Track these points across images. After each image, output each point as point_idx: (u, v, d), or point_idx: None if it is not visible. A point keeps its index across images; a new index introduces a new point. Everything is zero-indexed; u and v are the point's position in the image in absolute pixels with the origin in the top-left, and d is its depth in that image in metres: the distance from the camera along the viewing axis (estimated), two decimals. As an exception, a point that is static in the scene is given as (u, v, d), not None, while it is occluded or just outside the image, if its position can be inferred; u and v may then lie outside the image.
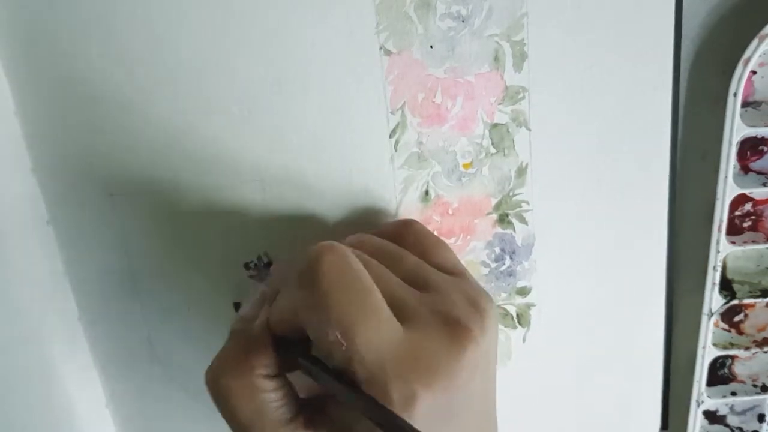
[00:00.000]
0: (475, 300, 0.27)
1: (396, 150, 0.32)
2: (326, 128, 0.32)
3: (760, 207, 0.36)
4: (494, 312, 0.27)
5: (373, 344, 0.24)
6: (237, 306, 0.34)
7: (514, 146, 0.33)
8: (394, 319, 0.25)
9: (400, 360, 0.24)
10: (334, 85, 0.31)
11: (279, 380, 0.27)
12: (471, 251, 0.35)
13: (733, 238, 0.36)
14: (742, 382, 0.39)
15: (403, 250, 0.29)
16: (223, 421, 0.37)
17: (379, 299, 0.25)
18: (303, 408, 0.28)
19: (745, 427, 0.40)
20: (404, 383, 0.23)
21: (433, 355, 0.24)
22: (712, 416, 0.40)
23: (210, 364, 0.28)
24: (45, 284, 0.33)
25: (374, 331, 0.24)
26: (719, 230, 0.35)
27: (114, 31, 0.29)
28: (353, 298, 0.24)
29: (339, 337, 0.24)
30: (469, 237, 0.34)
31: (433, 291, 0.27)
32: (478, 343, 0.25)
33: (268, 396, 0.26)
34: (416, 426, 0.23)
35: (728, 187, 0.34)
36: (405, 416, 0.23)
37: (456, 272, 0.29)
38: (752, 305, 0.38)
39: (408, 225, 0.32)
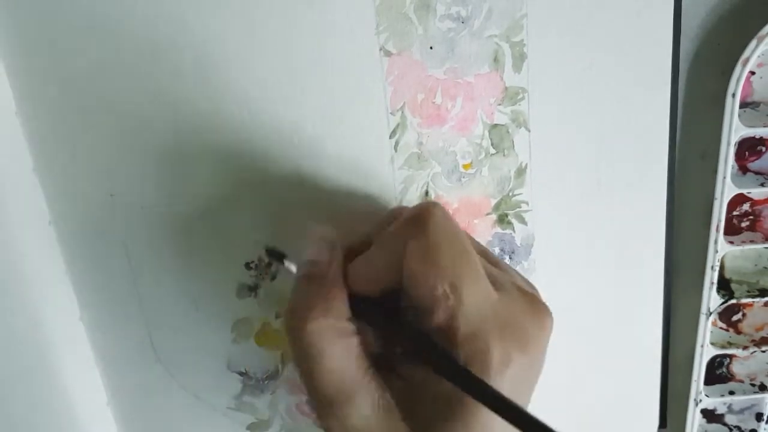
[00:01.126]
0: (531, 283, 0.28)
1: (396, 150, 0.32)
2: (326, 129, 0.32)
3: (758, 207, 0.36)
4: None
5: (479, 302, 0.24)
6: (271, 251, 0.31)
7: (513, 147, 0.33)
8: (490, 284, 0.25)
9: (498, 321, 0.24)
10: (334, 86, 0.31)
11: (358, 326, 0.27)
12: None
13: (731, 238, 0.36)
14: (740, 381, 0.39)
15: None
16: (223, 421, 0.37)
17: (479, 262, 0.25)
18: (374, 362, 0.27)
19: (743, 425, 0.40)
20: (504, 344, 0.24)
21: (524, 323, 0.25)
22: (710, 415, 0.40)
23: (287, 309, 0.27)
24: (46, 284, 0.33)
25: (478, 290, 0.25)
26: (717, 230, 0.35)
27: (115, 32, 0.29)
28: (462, 256, 0.25)
29: (448, 290, 0.24)
30: (468, 237, 0.35)
31: (500, 268, 0.28)
32: (552, 318, 0.26)
33: (352, 340, 0.26)
34: (504, 386, 0.23)
35: (726, 187, 0.34)
36: (498, 376, 0.24)
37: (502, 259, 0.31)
38: (750, 305, 0.38)
39: None
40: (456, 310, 0.24)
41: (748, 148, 0.35)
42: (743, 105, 0.34)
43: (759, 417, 0.40)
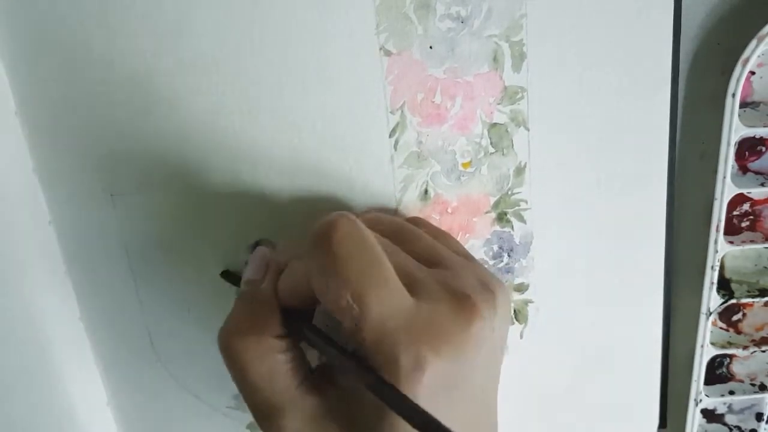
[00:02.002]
0: (486, 282, 0.27)
1: (396, 149, 0.33)
2: (326, 128, 0.32)
3: (758, 207, 0.36)
4: (505, 297, 0.28)
5: (384, 309, 0.24)
6: (226, 274, 0.34)
7: (512, 146, 0.33)
8: (404, 288, 0.25)
9: (410, 326, 0.24)
10: (334, 85, 0.31)
11: (288, 342, 0.27)
12: (469, 249, 0.35)
13: (731, 238, 0.36)
14: (740, 381, 0.39)
15: (420, 231, 0.30)
16: (223, 421, 0.37)
17: (390, 269, 0.25)
18: (311, 374, 0.28)
19: (743, 425, 0.40)
20: (413, 348, 0.23)
21: (441, 325, 0.25)
22: (710, 415, 0.40)
23: (222, 325, 0.28)
24: (46, 284, 0.33)
25: (385, 297, 0.24)
26: (717, 230, 0.35)
27: (115, 32, 0.29)
28: (366, 265, 0.24)
29: (350, 300, 0.24)
30: (467, 235, 0.34)
31: (444, 267, 0.27)
32: (484, 319, 0.25)
33: (278, 357, 0.27)
34: (421, 392, 0.23)
35: (726, 187, 0.34)
36: (412, 382, 0.23)
37: (468, 257, 0.30)
38: (750, 305, 0.38)
39: (415, 219, 0.32)
40: (361, 319, 0.24)
41: (748, 148, 0.35)
42: (743, 105, 0.34)
43: (759, 417, 0.40)
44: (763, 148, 0.35)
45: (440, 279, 0.26)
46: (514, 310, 0.36)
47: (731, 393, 0.39)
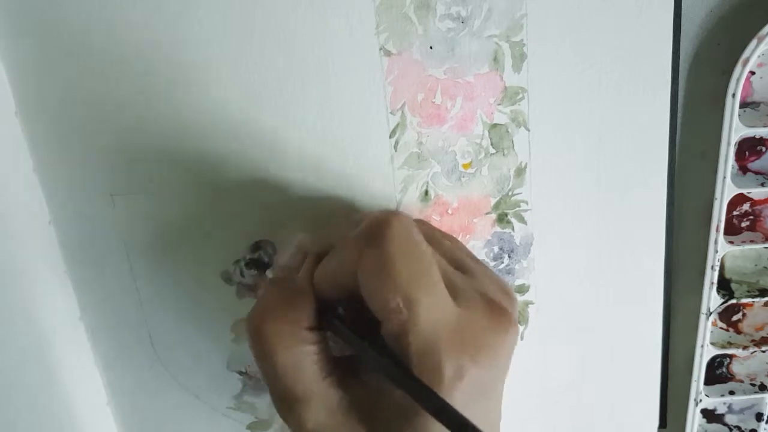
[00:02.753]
0: (505, 288, 0.28)
1: (396, 150, 0.33)
2: (326, 128, 0.32)
3: (758, 207, 0.36)
4: (517, 302, 0.28)
5: (432, 316, 0.24)
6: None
7: (513, 146, 0.33)
8: (449, 296, 0.25)
9: (453, 335, 0.24)
10: (334, 86, 0.31)
11: (318, 334, 0.27)
12: (470, 250, 0.35)
13: (731, 238, 0.36)
14: (740, 381, 0.39)
15: (440, 232, 0.30)
16: (223, 421, 0.37)
17: (438, 275, 0.25)
18: (337, 367, 0.27)
19: (743, 425, 0.40)
20: (456, 357, 0.24)
21: (481, 333, 0.25)
22: (710, 415, 0.40)
23: (252, 309, 0.28)
24: (46, 284, 0.33)
25: (434, 304, 0.24)
26: (717, 230, 0.35)
27: (115, 32, 0.29)
28: (418, 269, 0.24)
29: (401, 304, 0.24)
30: (468, 236, 0.34)
31: (470, 275, 0.28)
32: (516, 327, 0.26)
33: (308, 348, 0.27)
34: (457, 397, 0.23)
35: (726, 187, 0.34)
36: (451, 389, 0.23)
37: (479, 261, 0.30)
38: (750, 305, 0.38)
39: (423, 221, 0.32)
40: (408, 324, 0.24)
41: (748, 148, 0.35)
42: (743, 105, 0.34)
43: (759, 417, 0.40)
44: (763, 148, 0.35)
45: (473, 285, 0.27)
46: (515, 312, 0.36)
47: (731, 393, 0.39)
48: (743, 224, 0.36)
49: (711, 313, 0.37)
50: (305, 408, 0.26)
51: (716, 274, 0.36)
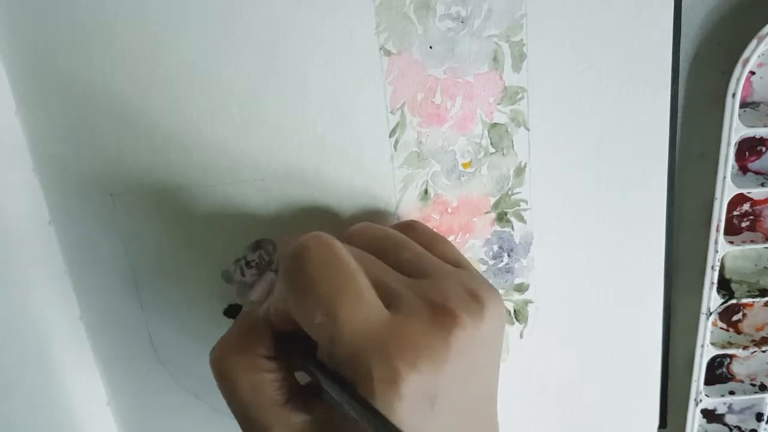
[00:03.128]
0: (475, 291, 0.27)
1: (395, 149, 0.33)
2: (326, 128, 0.32)
3: (759, 207, 0.36)
4: (497, 304, 0.27)
5: (357, 324, 0.24)
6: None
7: (512, 146, 0.33)
8: (380, 303, 0.25)
9: (384, 341, 0.24)
10: (334, 85, 0.31)
11: (278, 363, 0.27)
12: (469, 249, 0.35)
13: (732, 238, 0.36)
14: (741, 381, 0.39)
15: (408, 240, 0.30)
16: (223, 421, 0.37)
17: (364, 284, 0.25)
18: (300, 391, 0.28)
19: (743, 426, 0.40)
20: (387, 363, 0.23)
21: (418, 338, 0.24)
22: (710, 415, 0.40)
23: (217, 341, 0.28)
24: (46, 284, 0.33)
25: (358, 312, 0.24)
26: (717, 230, 0.35)
27: (115, 31, 0.29)
28: (337, 282, 0.25)
29: (322, 318, 0.24)
30: (467, 235, 0.34)
31: (428, 278, 0.27)
32: (466, 329, 0.25)
33: (267, 376, 0.27)
34: (400, 406, 0.23)
35: (726, 187, 0.34)
36: (388, 395, 0.23)
37: (460, 265, 0.29)
38: (750, 305, 0.38)
39: (411, 223, 0.32)
40: (333, 335, 0.24)
41: (748, 148, 0.35)
42: (743, 105, 0.34)
43: (759, 417, 0.40)
44: (763, 148, 0.35)
45: (420, 290, 0.26)
46: (515, 310, 0.36)
47: (731, 393, 0.39)
48: (743, 224, 0.36)
49: (711, 313, 0.37)
50: None
51: (716, 274, 0.36)
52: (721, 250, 0.35)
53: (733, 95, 0.32)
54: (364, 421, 0.22)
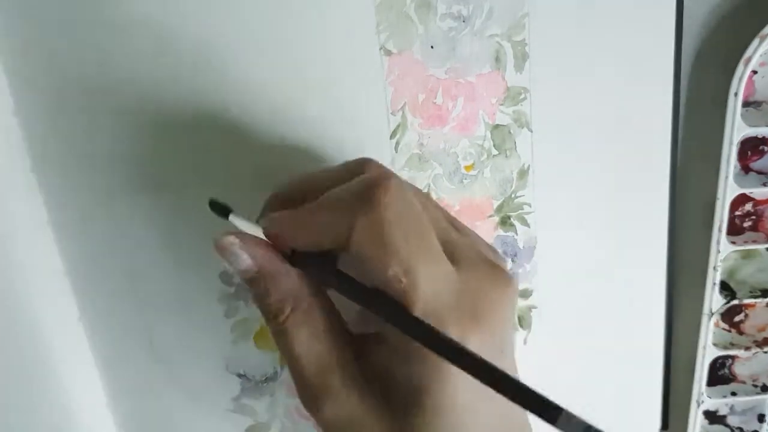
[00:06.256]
0: (492, 247, 0.28)
1: (397, 151, 0.32)
2: (327, 129, 0.32)
3: (761, 207, 0.36)
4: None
5: (434, 283, 0.23)
6: (213, 204, 0.29)
7: (515, 148, 0.33)
8: (448, 261, 0.25)
9: (455, 302, 0.24)
10: (334, 86, 0.31)
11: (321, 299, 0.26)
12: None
13: (734, 238, 0.36)
14: (743, 382, 0.39)
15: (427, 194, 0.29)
16: (222, 423, 0.37)
17: (436, 240, 0.24)
18: (349, 343, 0.27)
19: (745, 427, 0.40)
20: (460, 322, 0.23)
21: (482, 294, 0.24)
22: (712, 416, 0.40)
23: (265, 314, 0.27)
24: (45, 284, 0.33)
25: (434, 272, 0.24)
26: (720, 230, 0.35)
27: (114, 31, 0.29)
28: (416, 236, 0.24)
29: (399, 273, 0.23)
30: (470, 239, 0.34)
31: (465, 236, 0.27)
32: (515, 283, 0.26)
33: (317, 317, 0.26)
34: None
35: (729, 187, 0.34)
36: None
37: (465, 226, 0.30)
38: (752, 305, 0.38)
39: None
40: (409, 294, 0.23)
41: (750, 148, 0.35)
42: (745, 104, 0.34)
43: (761, 418, 0.40)
44: (766, 148, 0.35)
45: (471, 245, 0.26)
46: (519, 317, 0.36)
47: (733, 394, 0.39)
48: (745, 224, 0.36)
49: (713, 314, 0.37)
50: (335, 392, 0.26)
51: (718, 274, 0.36)
52: (723, 250, 0.35)
53: (736, 95, 0.32)
54: (428, 345, 0.22)
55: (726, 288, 0.37)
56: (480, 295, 0.24)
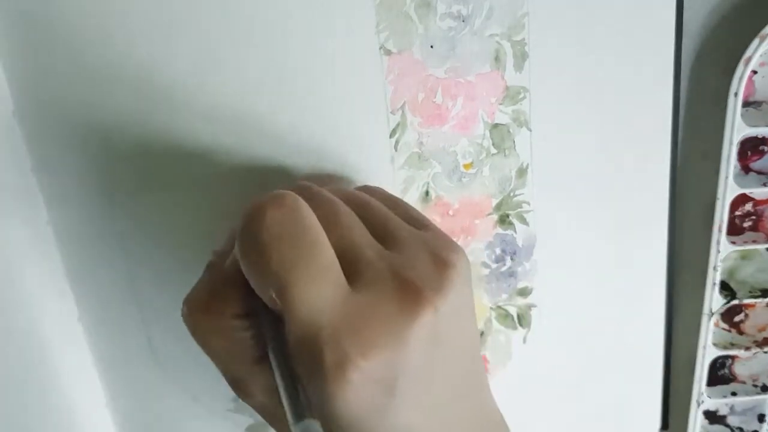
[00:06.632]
0: (441, 256, 0.25)
1: (396, 150, 0.32)
2: (326, 128, 0.32)
3: (761, 207, 0.36)
4: (463, 265, 0.26)
5: (311, 305, 0.22)
6: None
7: (514, 147, 0.33)
8: (342, 277, 0.23)
9: (339, 324, 0.22)
10: (334, 85, 0.31)
11: (248, 321, 0.26)
12: (471, 252, 0.35)
13: (734, 238, 0.36)
14: (743, 382, 0.39)
15: (373, 200, 0.28)
16: (222, 423, 0.37)
17: (325, 255, 0.23)
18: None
19: (745, 427, 0.40)
20: (338, 348, 0.22)
21: (378, 320, 0.22)
22: (712, 416, 0.40)
23: (186, 295, 0.27)
24: (45, 285, 0.33)
25: (314, 291, 0.23)
26: (720, 230, 0.35)
27: (114, 31, 0.29)
28: (294, 253, 0.23)
29: (273, 294, 0.23)
30: (469, 238, 0.34)
31: (397, 247, 0.25)
32: (436, 310, 0.23)
33: (238, 335, 0.26)
34: (351, 393, 0.22)
35: (729, 187, 0.34)
36: (338, 382, 0.22)
37: (423, 225, 0.28)
38: (753, 305, 0.38)
39: (369, 187, 0.31)
40: (285, 314, 0.23)
41: (750, 148, 0.35)
42: (745, 104, 0.34)
43: (761, 418, 0.40)
44: (766, 148, 0.35)
45: (387, 258, 0.24)
46: (518, 316, 0.36)
47: (733, 394, 0.39)
48: (745, 224, 0.36)
49: (713, 314, 0.37)
50: (244, 389, 0.27)
51: (718, 274, 0.36)
52: (723, 250, 0.35)
53: (736, 94, 0.32)
54: (288, 406, 0.22)
55: (726, 288, 0.37)
56: (377, 318, 0.23)
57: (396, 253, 0.25)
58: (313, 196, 0.26)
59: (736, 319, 0.38)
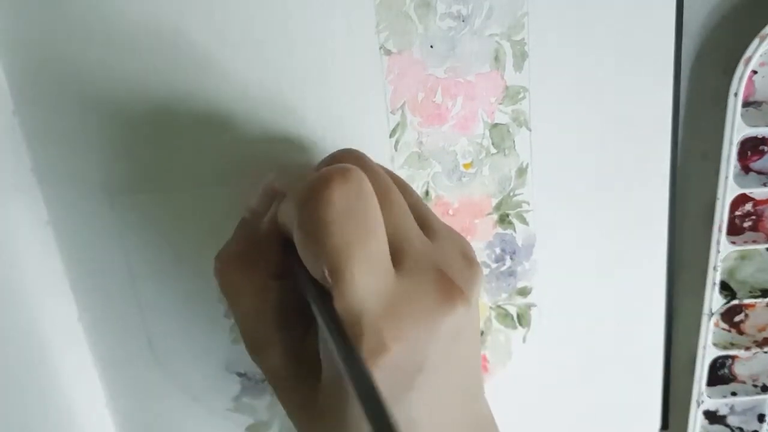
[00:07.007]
0: (469, 254, 0.26)
1: (396, 150, 0.32)
2: (326, 129, 0.32)
3: (761, 207, 0.36)
4: (479, 265, 0.26)
5: (360, 288, 0.23)
6: None
7: (514, 146, 0.33)
8: (390, 265, 0.24)
9: (382, 311, 0.23)
10: (334, 85, 0.31)
11: (281, 284, 0.26)
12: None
13: (734, 238, 0.36)
14: (743, 382, 0.39)
15: (409, 185, 0.28)
16: (222, 423, 0.37)
17: (380, 240, 0.23)
18: (305, 319, 0.27)
19: (745, 427, 0.40)
20: (378, 336, 0.22)
21: (417, 310, 0.23)
22: (712, 416, 0.40)
23: (220, 250, 0.27)
24: (44, 284, 0.33)
25: (365, 275, 0.23)
26: (720, 230, 0.35)
27: (113, 31, 0.29)
28: (351, 236, 0.22)
29: (326, 273, 0.22)
30: (469, 237, 0.34)
31: (434, 238, 0.26)
32: (470, 305, 0.24)
33: (270, 296, 0.26)
34: (377, 376, 0.22)
35: (729, 187, 0.34)
36: (368, 365, 0.22)
37: (443, 224, 0.29)
38: (753, 305, 0.38)
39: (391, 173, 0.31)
40: (334, 293, 0.22)
41: (750, 148, 0.35)
42: (745, 104, 0.34)
43: (761, 418, 0.39)
44: (766, 148, 0.35)
45: (431, 253, 0.25)
46: (518, 315, 0.36)
47: (733, 394, 0.39)
48: (745, 224, 0.36)
49: (713, 314, 0.37)
50: (263, 353, 0.27)
51: (718, 274, 0.36)
52: (723, 250, 0.35)
53: (735, 94, 0.32)
54: (345, 368, 0.21)
55: (726, 288, 0.37)
56: (414, 305, 0.23)
57: (435, 244, 0.26)
58: (367, 168, 0.25)
59: (736, 319, 0.38)
